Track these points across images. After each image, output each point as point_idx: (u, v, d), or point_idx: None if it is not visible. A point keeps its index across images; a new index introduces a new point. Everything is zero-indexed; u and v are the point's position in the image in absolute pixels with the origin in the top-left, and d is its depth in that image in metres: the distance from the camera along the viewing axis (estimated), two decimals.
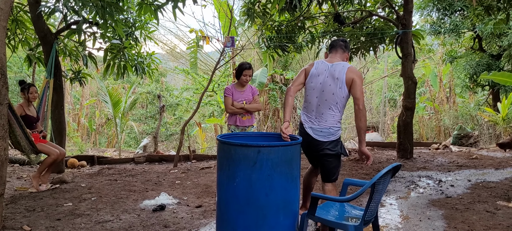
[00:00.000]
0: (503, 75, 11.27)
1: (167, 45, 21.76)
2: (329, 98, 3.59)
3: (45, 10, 5.92)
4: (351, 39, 9.96)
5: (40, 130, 6.08)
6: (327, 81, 3.60)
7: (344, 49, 3.80)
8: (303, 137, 3.61)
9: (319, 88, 3.62)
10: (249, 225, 3.02)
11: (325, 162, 3.68)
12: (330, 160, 3.67)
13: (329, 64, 3.67)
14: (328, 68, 3.64)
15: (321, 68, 3.66)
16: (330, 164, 3.68)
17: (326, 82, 3.61)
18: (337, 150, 3.66)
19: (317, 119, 3.64)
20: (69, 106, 20.11)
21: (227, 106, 5.48)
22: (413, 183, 6.26)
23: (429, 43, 17.01)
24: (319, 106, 3.61)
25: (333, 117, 3.61)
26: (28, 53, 7.97)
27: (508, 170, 7.29)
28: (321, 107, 3.61)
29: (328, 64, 3.68)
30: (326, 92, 3.59)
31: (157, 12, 5.99)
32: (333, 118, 3.61)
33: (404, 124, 8.68)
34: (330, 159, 3.66)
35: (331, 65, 3.65)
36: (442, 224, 4.21)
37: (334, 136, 3.63)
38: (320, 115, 3.62)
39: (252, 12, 8.55)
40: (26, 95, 5.92)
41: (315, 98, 3.63)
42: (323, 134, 3.61)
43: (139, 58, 8.18)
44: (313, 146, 3.68)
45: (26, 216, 4.47)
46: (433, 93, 17.94)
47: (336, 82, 3.57)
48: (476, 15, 10.57)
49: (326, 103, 3.59)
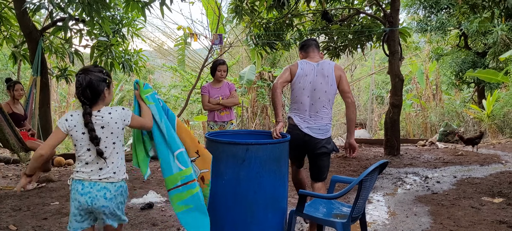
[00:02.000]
0: (488, 72, 11.44)
1: (155, 42, 21.65)
2: (322, 96, 3.62)
3: (30, 7, 5.83)
4: (339, 37, 10.02)
5: (28, 128, 6.01)
6: (317, 80, 3.63)
7: (318, 48, 3.91)
8: (299, 137, 3.62)
9: (309, 87, 3.63)
10: (238, 222, 3.03)
11: (320, 161, 3.70)
12: (324, 159, 3.70)
13: (315, 63, 3.70)
14: (315, 68, 3.67)
15: (307, 68, 3.67)
16: (324, 163, 3.71)
17: (316, 81, 3.63)
18: (331, 146, 3.72)
19: (312, 117, 3.64)
20: (56, 104, 19.85)
21: (204, 103, 5.57)
22: (400, 180, 6.33)
23: (416, 41, 17.18)
24: (312, 106, 3.63)
25: (327, 114, 3.67)
26: (13, 51, 7.86)
27: (493, 166, 7.41)
28: (314, 106, 3.63)
29: (314, 63, 3.70)
30: (318, 90, 3.62)
31: (144, 9, 5.95)
32: (327, 115, 3.68)
33: (391, 120, 8.76)
34: (324, 157, 3.70)
35: (317, 64, 3.68)
36: (428, 220, 4.26)
37: (329, 133, 3.70)
38: (315, 114, 3.64)
39: (240, 9, 8.54)
40: (12, 93, 5.88)
41: (306, 98, 3.64)
42: (321, 132, 3.64)
43: (126, 56, 8.13)
44: (310, 146, 3.67)
45: (12, 216, 4.42)
46: (419, 91, 18.10)
47: (326, 80, 3.61)
48: (461, 13, 10.71)
49: (319, 102, 3.62)
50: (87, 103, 2.42)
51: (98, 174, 2.45)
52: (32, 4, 5.69)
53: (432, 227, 4.03)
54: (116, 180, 2.49)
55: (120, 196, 2.52)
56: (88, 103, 2.43)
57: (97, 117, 2.44)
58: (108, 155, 2.46)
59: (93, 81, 2.42)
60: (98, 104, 2.47)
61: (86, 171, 2.44)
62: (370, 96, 23.01)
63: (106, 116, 2.46)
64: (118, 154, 2.52)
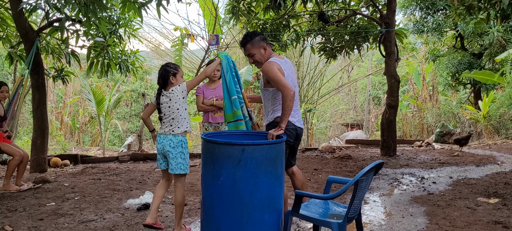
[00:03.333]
0: (484, 73, 11.49)
1: (152, 43, 21.59)
2: (296, 91, 3.79)
3: (27, 7, 5.81)
4: (335, 38, 10.04)
5: (5, 130, 5.92)
6: (294, 78, 3.86)
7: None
8: (297, 134, 3.79)
9: (294, 85, 3.76)
10: (234, 223, 3.03)
11: (297, 146, 3.95)
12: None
13: (282, 60, 3.77)
14: (291, 66, 3.84)
15: (288, 67, 3.77)
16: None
17: (295, 79, 3.87)
18: None
19: (298, 112, 3.83)
20: (52, 105, 19.81)
21: (198, 104, 5.57)
22: (396, 180, 6.34)
23: (412, 42, 17.23)
24: (296, 102, 3.73)
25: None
26: (9, 51, 7.84)
27: (489, 166, 7.44)
28: (297, 101, 3.78)
29: (288, 61, 3.85)
30: (296, 87, 3.83)
31: (141, 9, 5.93)
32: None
33: (387, 121, 8.78)
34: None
35: (284, 61, 3.79)
36: (424, 220, 4.28)
37: None
38: (297, 108, 3.83)
39: (237, 10, 8.55)
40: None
41: (296, 95, 3.72)
42: (302, 121, 3.91)
43: (123, 56, 8.11)
44: (300, 137, 3.89)
45: (7, 216, 4.41)
46: (416, 91, 18.16)
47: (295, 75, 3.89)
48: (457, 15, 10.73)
49: (297, 97, 3.77)
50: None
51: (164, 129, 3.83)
52: (29, 5, 5.67)
53: (428, 228, 4.04)
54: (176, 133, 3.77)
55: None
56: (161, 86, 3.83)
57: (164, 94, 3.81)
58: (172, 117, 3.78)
59: (162, 72, 3.83)
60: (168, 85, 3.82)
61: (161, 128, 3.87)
62: (367, 97, 23.06)
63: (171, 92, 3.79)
64: (180, 115, 3.78)
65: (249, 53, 3.81)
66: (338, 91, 24.37)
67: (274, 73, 3.54)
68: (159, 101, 3.80)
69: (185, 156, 3.77)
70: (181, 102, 3.76)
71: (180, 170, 3.75)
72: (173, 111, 3.75)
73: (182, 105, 3.76)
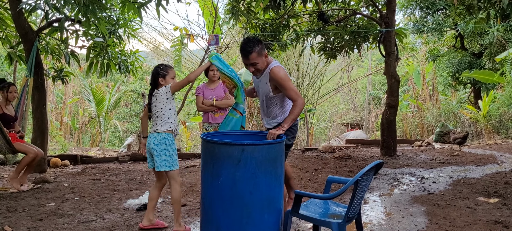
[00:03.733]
0: (484, 73, 11.48)
1: (152, 43, 21.55)
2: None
3: (26, 8, 5.81)
4: (335, 38, 10.03)
5: (18, 130, 5.96)
6: None
7: None
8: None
9: None
10: (234, 223, 3.03)
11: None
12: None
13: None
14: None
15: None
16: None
17: None
18: None
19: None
20: (52, 105, 19.78)
21: (198, 105, 5.57)
22: (396, 180, 6.34)
23: (412, 42, 17.21)
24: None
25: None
26: (9, 51, 7.83)
27: (488, 166, 7.43)
28: None
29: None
30: None
31: (141, 10, 5.93)
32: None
33: (387, 121, 8.78)
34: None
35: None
36: (424, 220, 4.27)
37: None
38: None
39: (237, 10, 8.54)
40: (5, 95, 5.82)
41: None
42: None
43: (122, 56, 8.09)
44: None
45: (7, 217, 4.40)
46: (416, 91, 18.15)
47: None
48: (457, 14, 10.74)
49: None
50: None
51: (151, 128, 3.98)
52: (28, 5, 5.66)
53: (428, 227, 4.04)
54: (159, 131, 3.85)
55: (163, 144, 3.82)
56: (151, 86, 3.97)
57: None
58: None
59: (153, 73, 3.95)
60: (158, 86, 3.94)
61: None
62: (367, 97, 23.04)
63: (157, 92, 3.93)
64: (164, 115, 3.87)
65: (253, 62, 3.61)
66: (338, 91, 24.33)
67: (289, 81, 3.62)
68: (150, 101, 3.96)
69: (170, 153, 3.83)
70: (164, 102, 3.88)
71: (165, 167, 3.81)
72: (157, 111, 3.88)
73: (166, 105, 3.88)
